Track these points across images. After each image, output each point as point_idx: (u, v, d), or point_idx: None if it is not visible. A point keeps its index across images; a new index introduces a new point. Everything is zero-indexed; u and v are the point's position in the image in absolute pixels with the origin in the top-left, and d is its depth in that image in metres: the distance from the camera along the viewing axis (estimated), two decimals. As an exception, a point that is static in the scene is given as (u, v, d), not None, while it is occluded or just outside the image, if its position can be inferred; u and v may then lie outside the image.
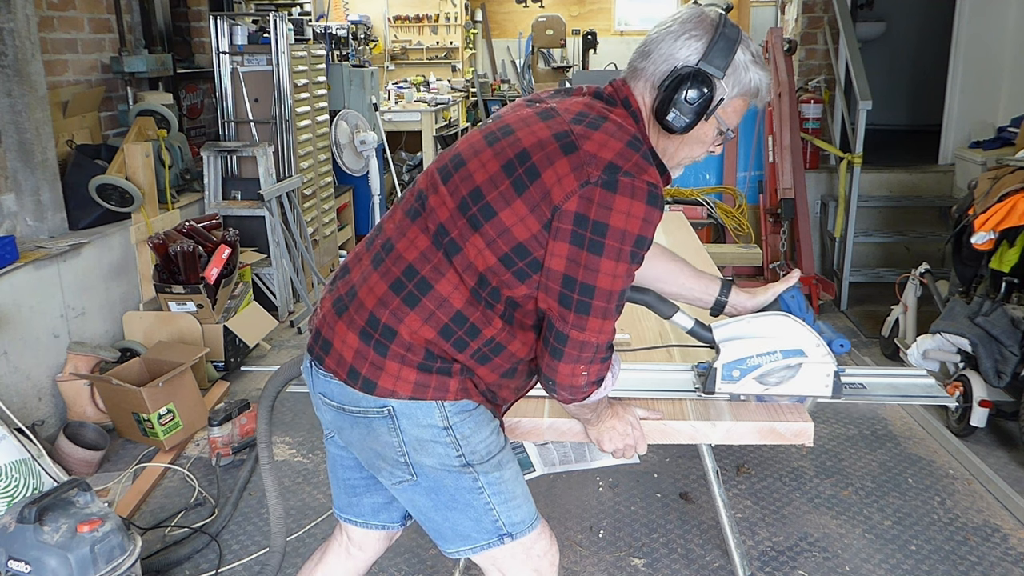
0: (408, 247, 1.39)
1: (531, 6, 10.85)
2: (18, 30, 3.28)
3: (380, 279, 1.40)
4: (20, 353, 3.09)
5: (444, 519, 1.49)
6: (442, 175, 1.41)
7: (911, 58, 7.02)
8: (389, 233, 1.45)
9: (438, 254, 1.37)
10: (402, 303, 1.37)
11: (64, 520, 2.03)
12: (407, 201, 1.47)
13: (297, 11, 6.79)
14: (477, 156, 1.38)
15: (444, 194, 1.38)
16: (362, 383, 1.39)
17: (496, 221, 1.32)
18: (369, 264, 1.44)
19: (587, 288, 1.31)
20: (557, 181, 1.29)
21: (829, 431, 3.27)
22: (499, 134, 1.39)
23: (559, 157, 1.30)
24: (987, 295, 3.24)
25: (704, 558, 2.49)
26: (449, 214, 1.36)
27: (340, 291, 1.46)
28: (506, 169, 1.33)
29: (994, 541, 2.56)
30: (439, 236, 1.37)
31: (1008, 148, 4.22)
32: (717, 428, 1.69)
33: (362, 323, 1.39)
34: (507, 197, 1.32)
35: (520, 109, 1.46)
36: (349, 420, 1.45)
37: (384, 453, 1.44)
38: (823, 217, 5.07)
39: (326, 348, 1.44)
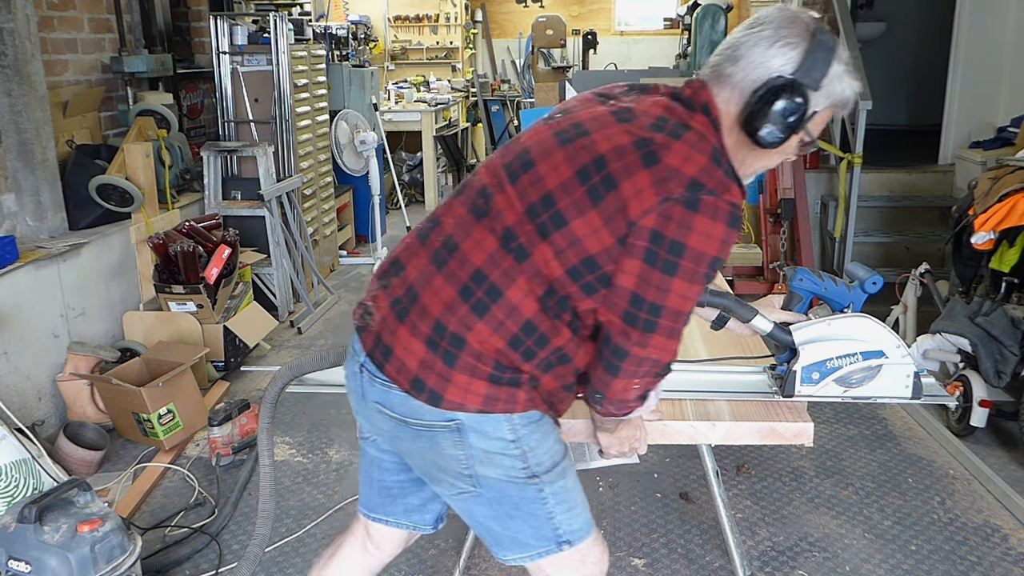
0: (474, 249, 1.31)
1: (531, 6, 10.85)
2: (18, 30, 3.28)
3: (445, 282, 1.32)
4: (20, 353, 3.09)
5: (504, 528, 1.44)
6: (509, 173, 1.34)
7: (911, 58, 7.03)
8: (449, 230, 1.36)
9: (508, 258, 1.29)
10: (470, 311, 1.29)
11: (64, 520, 2.03)
12: (468, 196, 1.38)
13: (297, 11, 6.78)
14: (548, 157, 1.31)
15: (512, 195, 1.31)
16: (428, 395, 1.32)
17: (567, 231, 1.25)
18: (429, 263, 1.35)
19: (656, 308, 1.25)
20: (636, 195, 1.22)
21: (829, 431, 3.27)
22: (572, 133, 1.31)
23: (639, 169, 1.23)
24: (987, 295, 3.25)
25: (704, 558, 2.49)
26: (517, 218, 1.29)
27: (397, 291, 1.38)
28: (580, 175, 1.26)
29: (994, 541, 2.56)
30: (507, 239, 1.29)
31: (1008, 148, 4.22)
32: (717, 428, 1.69)
33: (428, 331, 1.31)
34: (580, 206, 1.25)
35: (592, 106, 1.37)
36: (411, 432, 1.37)
37: (447, 466, 1.38)
38: (823, 217, 5.07)
39: (386, 354, 1.35)
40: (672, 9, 10.44)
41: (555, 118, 1.40)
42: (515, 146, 1.39)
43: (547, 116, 1.43)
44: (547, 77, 8.81)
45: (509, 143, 1.43)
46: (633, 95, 1.38)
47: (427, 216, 1.45)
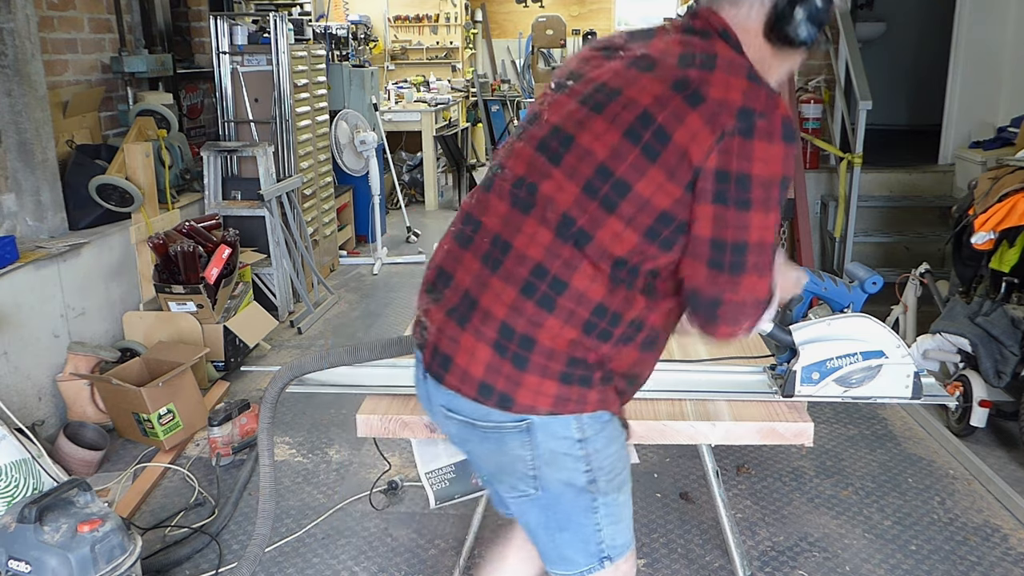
0: (529, 244, 1.26)
1: (531, 6, 10.85)
2: (18, 30, 3.28)
3: (504, 283, 1.27)
4: (20, 353, 3.09)
5: (551, 539, 1.42)
6: (549, 156, 1.27)
7: (911, 58, 7.03)
8: (495, 229, 1.31)
9: (567, 247, 1.24)
10: (538, 307, 1.25)
11: (64, 520, 2.03)
12: (503, 191, 1.32)
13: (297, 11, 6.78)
14: (587, 128, 1.24)
15: (561, 178, 1.25)
16: (498, 399, 1.29)
17: (633, 196, 1.20)
18: (481, 266, 1.30)
19: (739, 247, 1.21)
20: (692, 139, 1.17)
21: (829, 431, 3.27)
22: (602, 97, 1.25)
23: (687, 112, 1.18)
24: (987, 295, 3.25)
25: (704, 558, 2.49)
26: (573, 200, 1.24)
27: (451, 300, 1.33)
28: (629, 136, 1.20)
29: (994, 541, 2.56)
30: (564, 227, 1.24)
31: (1008, 148, 4.22)
32: (717, 428, 1.69)
33: (494, 335, 1.27)
34: (639, 167, 1.20)
35: (601, 63, 1.32)
36: (478, 434, 1.35)
37: (512, 467, 1.35)
38: (823, 217, 5.07)
39: (445, 364, 1.32)
40: (672, 9, 10.45)
41: (568, 86, 1.33)
42: (538, 129, 1.32)
43: (555, 87, 1.37)
44: (547, 77, 8.81)
45: (528, 128, 1.35)
46: (639, 41, 1.32)
47: (458, 219, 1.40)
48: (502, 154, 1.38)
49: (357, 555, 2.52)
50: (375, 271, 5.70)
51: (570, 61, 1.39)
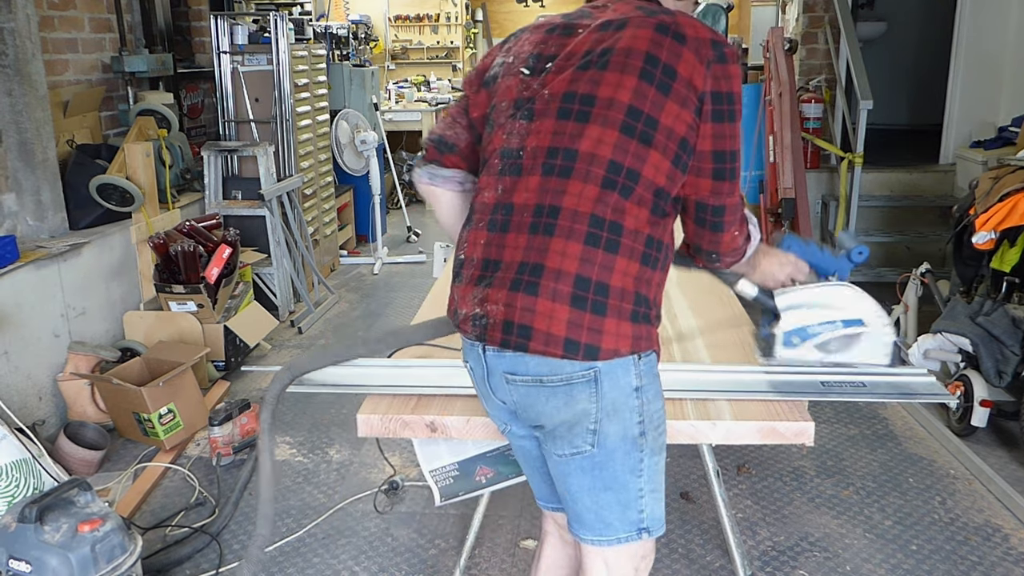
0: (578, 201, 1.34)
1: (531, 6, 10.85)
2: (19, 30, 3.28)
3: (566, 241, 1.34)
4: (21, 353, 3.09)
5: (595, 501, 1.45)
6: (576, 118, 1.37)
7: (912, 58, 7.02)
8: (533, 201, 1.37)
9: (613, 195, 1.34)
10: (606, 253, 1.34)
11: (65, 520, 2.03)
12: (533, 166, 1.39)
13: (297, 11, 6.79)
14: (602, 83, 1.36)
15: (597, 132, 1.35)
16: (584, 351, 1.34)
17: (662, 127, 1.34)
18: (531, 236, 1.36)
19: (732, 155, 1.40)
20: (691, 70, 1.35)
21: (829, 431, 3.26)
22: (599, 57, 1.38)
23: (680, 48, 1.35)
24: (988, 295, 3.24)
25: (705, 558, 2.49)
26: (614, 144, 1.34)
27: (508, 277, 1.37)
28: (644, 77, 1.35)
29: (995, 541, 2.56)
30: (611, 175, 1.34)
31: (1009, 148, 4.22)
32: (717, 428, 1.69)
33: (570, 290, 1.33)
34: (658, 102, 1.34)
35: (566, 39, 1.44)
36: (546, 392, 1.38)
37: (576, 421, 1.39)
38: (824, 217, 5.06)
39: (526, 334, 1.35)
40: (672, 9, 10.44)
41: (548, 68, 1.43)
42: (545, 104, 1.41)
43: (529, 71, 1.45)
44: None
45: (522, 111, 1.43)
46: (587, 17, 1.46)
47: (480, 214, 1.44)
48: (513, 141, 1.43)
49: (357, 555, 2.52)
50: (376, 271, 5.70)
51: (520, 46, 1.48)
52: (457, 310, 1.46)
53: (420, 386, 1.76)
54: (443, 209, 1.65)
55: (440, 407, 1.68)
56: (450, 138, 1.59)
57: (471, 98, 1.55)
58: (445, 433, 1.68)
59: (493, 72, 1.50)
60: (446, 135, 1.59)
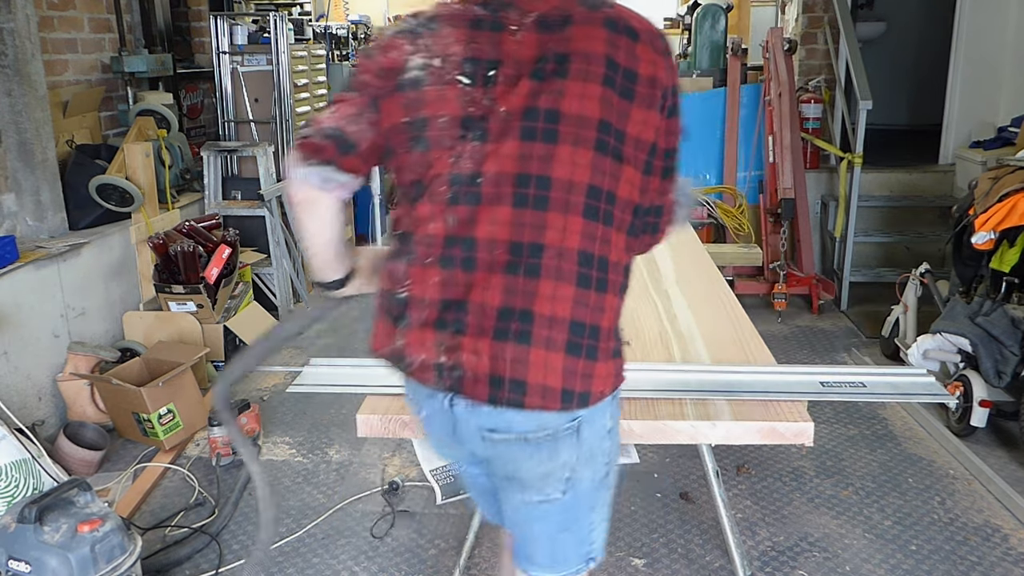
0: (563, 237, 1.23)
1: (531, 6, 10.83)
2: (18, 30, 3.28)
3: (556, 283, 1.22)
4: (20, 353, 3.09)
5: (552, 542, 1.39)
6: (544, 139, 1.22)
7: (911, 58, 7.02)
8: (506, 237, 1.23)
9: (599, 226, 1.24)
10: (598, 293, 1.25)
11: (64, 520, 2.03)
12: (499, 195, 1.23)
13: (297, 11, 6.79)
14: (565, 96, 1.22)
15: (569, 153, 1.22)
16: (578, 400, 1.26)
17: (629, 139, 1.25)
18: (510, 278, 1.23)
19: (679, 151, 1.35)
20: (654, 66, 1.26)
21: (829, 431, 3.26)
22: (555, 65, 1.23)
23: (634, 45, 1.25)
24: (987, 295, 3.24)
25: (704, 558, 2.49)
26: (589, 168, 1.22)
27: (490, 322, 1.23)
28: (608, 84, 1.23)
29: (994, 541, 2.56)
30: (591, 202, 1.23)
31: (1008, 148, 4.22)
32: (717, 428, 1.69)
33: (565, 337, 1.23)
34: (624, 111, 1.24)
35: (500, 37, 1.25)
36: (530, 448, 1.28)
37: (552, 472, 1.31)
38: (823, 217, 5.06)
39: (519, 388, 1.23)
40: (672, 9, 10.44)
41: (494, 76, 1.24)
42: (503, 123, 1.24)
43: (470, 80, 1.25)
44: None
45: (479, 128, 1.25)
46: (516, 2, 1.28)
47: (421, 242, 1.28)
48: (465, 166, 1.25)
49: (357, 555, 2.52)
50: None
51: (443, 44, 1.26)
52: (404, 355, 1.30)
53: (420, 386, 1.76)
54: (323, 221, 1.39)
55: (440, 407, 1.68)
56: (352, 135, 1.31)
57: (384, 102, 1.29)
58: (445, 433, 1.68)
59: (413, 75, 1.27)
60: (348, 131, 1.31)
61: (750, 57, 5.35)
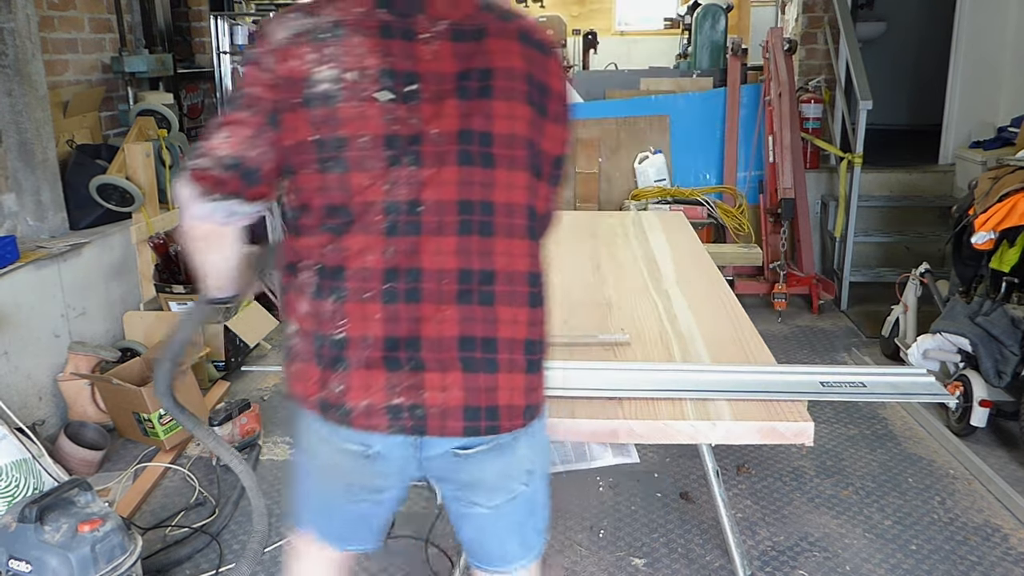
0: (511, 260, 1.24)
1: (531, 6, 10.84)
2: (18, 30, 3.28)
3: (511, 307, 1.23)
4: (20, 353, 3.09)
5: (522, 529, 1.43)
6: (482, 164, 1.21)
7: (911, 58, 7.02)
8: (453, 266, 1.20)
9: (535, 244, 1.28)
10: (541, 309, 1.28)
11: (65, 520, 2.04)
12: (442, 224, 1.20)
13: (297, 11, 6.78)
14: (495, 116, 1.21)
15: (506, 176, 1.22)
16: (537, 410, 1.31)
17: (545, 155, 1.27)
18: (468, 306, 1.21)
19: (568, 158, 1.34)
20: (560, 79, 1.28)
21: (829, 431, 3.27)
22: (478, 82, 1.20)
23: (545, 59, 1.26)
24: (987, 295, 3.24)
25: (704, 558, 2.49)
26: (525, 190, 1.24)
27: (451, 354, 1.21)
28: (530, 102, 1.23)
29: (994, 541, 2.56)
30: (530, 223, 1.25)
31: (1008, 148, 4.22)
32: (717, 428, 1.69)
33: (524, 356, 1.26)
34: (540, 127, 1.25)
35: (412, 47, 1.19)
36: (491, 455, 1.28)
37: (514, 472, 1.33)
38: (823, 217, 5.07)
39: (493, 415, 1.24)
40: (672, 9, 10.43)
41: (415, 91, 1.18)
42: (442, 148, 1.19)
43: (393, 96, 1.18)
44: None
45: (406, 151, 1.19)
46: (411, 13, 1.21)
47: (356, 276, 1.21)
48: (400, 193, 1.19)
49: (357, 555, 2.51)
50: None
51: (354, 55, 1.17)
52: (343, 402, 1.22)
53: (420, 386, 1.76)
54: (228, 251, 1.35)
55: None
56: (254, 161, 1.21)
57: (285, 117, 1.19)
58: (445, 433, 1.68)
59: (323, 88, 1.17)
60: (248, 157, 1.20)
61: (750, 57, 5.35)
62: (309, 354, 1.25)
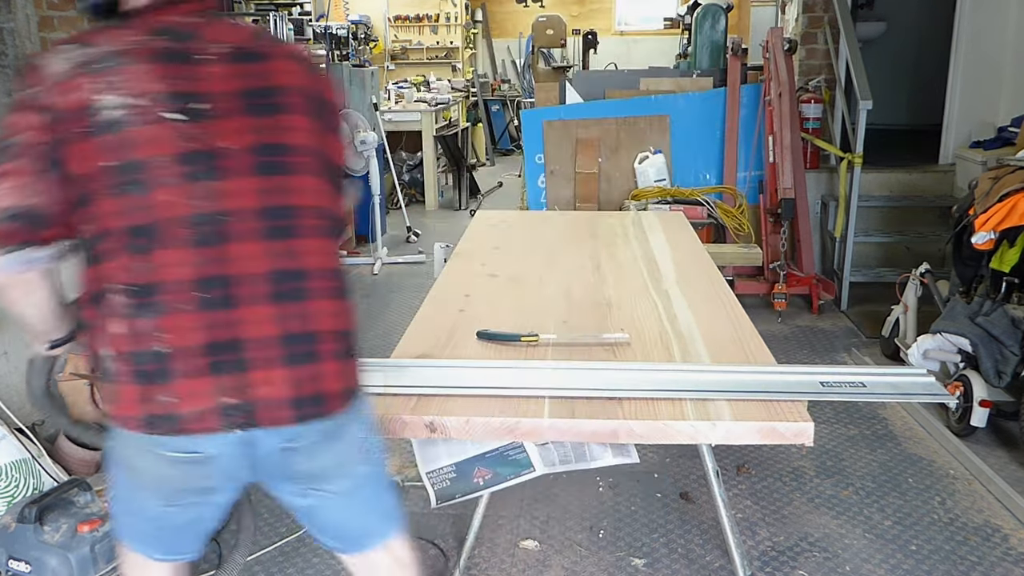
0: (317, 258, 1.33)
1: (531, 6, 10.85)
2: (18, 30, 3.28)
3: (323, 301, 1.33)
4: (20, 353, 3.08)
5: (376, 506, 1.52)
6: (278, 172, 1.29)
7: (911, 58, 7.02)
8: (262, 268, 1.27)
9: (334, 242, 1.41)
10: (347, 300, 1.40)
11: (64, 520, 2.04)
12: (245, 231, 1.26)
13: (297, 11, 6.80)
14: (284, 129, 1.31)
15: (302, 183, 1.32)
16: (357, 393, 1.41)
17: (331, 162, 1.40)
18: (281, 305, 1.28)
19: None
20: (335, 93, 1.43)
21: (829, 431, 3.27)
22: (263, 99, 1.29)
23: (319, 76, 1.40)
24: (987, 295, 3.24)
25: (704, 558, 2.49)
26: (317, 193, 1.36)
27: (275, 351, 1.27)
28: (313, 115, 1.36)
29: (994, 541, 2.56)
30: (327, 222, 1.37)
31: (1008, 148, 4.22)
32: (717, 428, 1.69)
33: (338, 346, 1.35)
34: (324, 137, 1.38)
35: (194, 70, 1.25)
36: (327, 442, 1.36)
37: (349, 454, 1.41)
38: (823, 217, 5.07)
39: (318, 402, 1.31)
40: (672, 9, 10.45)
41: (201, 109, 1.24)
42: (238, 161, 1.26)
43: (178, 115, 1.23)
44: (547, 77, 8.82)
45: (213, 169, 1.25)
46: (194, 32, 1.28)
47: (167, 290, 1.24)
48: (203, 206, 1.24)
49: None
50: (375, 271, 5.70)
51: (135, 81, 1.22)
52: (175, 412, 1.24)
53: (420, 386, 1.76)
54: (40, 297, 1.41)
55: (439, 407, 1.69)
56: (41, 206, 1.25)
57: (72, 150, 1.22)
58: (444, 433, 1.68)
59: (109, 115, 1.21)
60: (34, 204, 1.24)
61: (750, 57, 5.35)
62: (128, 374, 1.26)
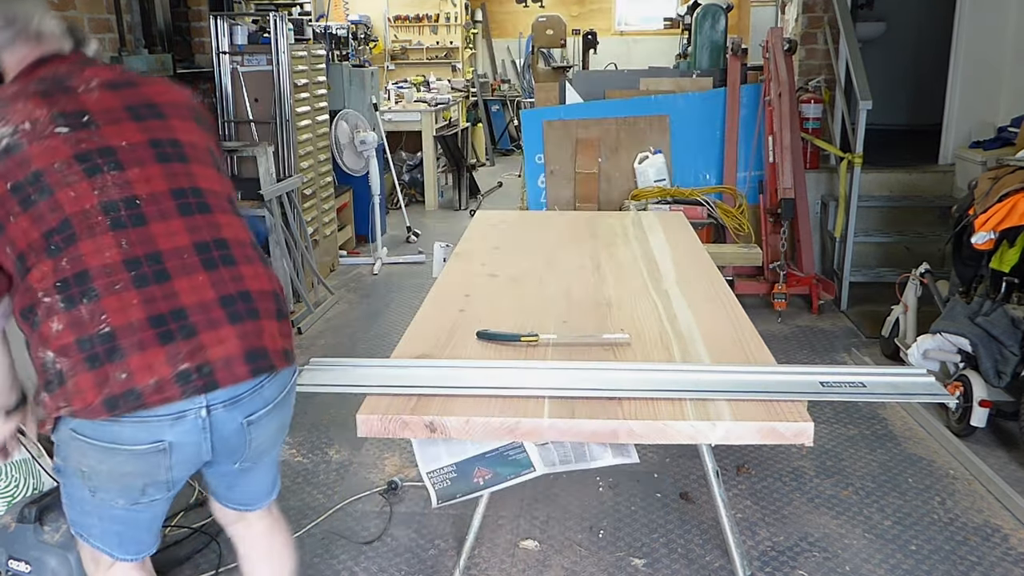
0: (233, 230, 1.50)
1: (531, 6, 10.85)
2: None
3: (249, 265, 1.49)
4: (20, 352, 3.08)
5: (274, 471, 1.74)
6: (179, 160, 1.48)
7: (911, 58, 7.02)
8: (187, 241, 1.40)
9: (237, 217, 1.56)
10: (269, 266, 1.56)
11: (64, 520, 2.03)
12: (164, 210, 1.41)
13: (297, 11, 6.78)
14: (175, 129, 1.51)
15: (200, 170, 1.51)
16: (292, 355, 1.53)
17: (214, 155, 1.60)
18: (212, 272, 1.41)
19: None
20: (199, 104, 1.66)
21: (829, 431, 3.27)
22: (150, 110, 1.48)
23: (185, 90, 1.62)
24: (987, 295, 3.25)
25: (704, 558, 2.49)
26: (215, 179, 1.54)
27: (216, 313, 1.38)
28: (194, 120, 1.57)
29: (994, 541, 2.56)
30: (229, 202, 1.56)
31: (1008, 148, 4.22)
32: (717, 428, 1.69)
33: (274, 306, 1.49)
34: (204, 135, 1.59)
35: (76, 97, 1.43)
36: (277, 409, 1.53)
37: (284, 426, 1.61)
38: (823, 217, 5.07)
39: (266, 355, 1.45)
40: (672, 9, 10.45)
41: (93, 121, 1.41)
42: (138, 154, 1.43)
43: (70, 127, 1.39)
44: (547, 77, 8.82)
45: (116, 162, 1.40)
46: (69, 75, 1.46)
47: (103, 274, 1.33)
48: (113, 193, 1.37)
49: (357, 555, 2.52)
50: (375, 271, 5.70)
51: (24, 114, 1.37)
52: (134, 386, 1.30)
53: (420, 386, 1.76)
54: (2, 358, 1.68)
55: (439, 407, 1.68)
56: None
57: None
58: (444, 433, 1.68)
59: (6, 143, 1.34)
60: None
61: (750, 57, 5.35)
62: (79, 363, 1.32)
